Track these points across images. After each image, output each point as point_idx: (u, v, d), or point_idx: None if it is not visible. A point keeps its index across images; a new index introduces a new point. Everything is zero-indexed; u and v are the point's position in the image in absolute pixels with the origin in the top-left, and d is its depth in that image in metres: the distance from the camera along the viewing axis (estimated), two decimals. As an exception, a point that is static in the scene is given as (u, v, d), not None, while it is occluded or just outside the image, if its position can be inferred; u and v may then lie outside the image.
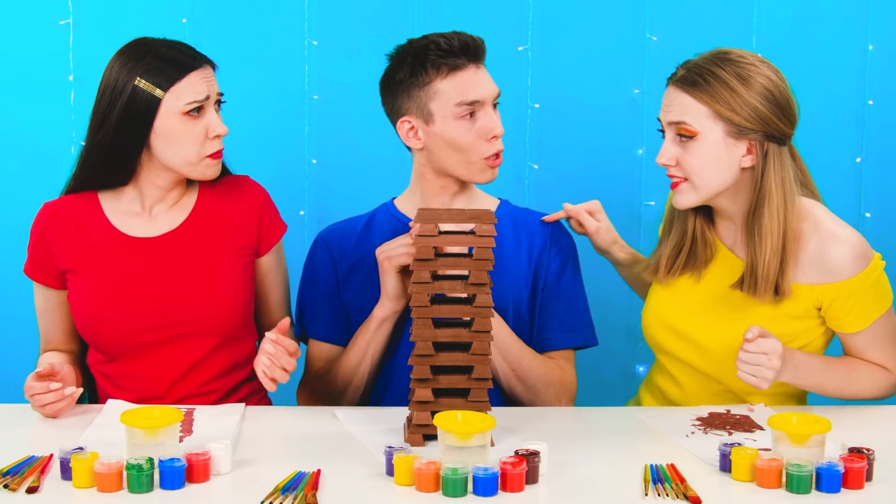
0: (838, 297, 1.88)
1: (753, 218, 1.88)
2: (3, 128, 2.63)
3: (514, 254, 2.04)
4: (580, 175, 2.68)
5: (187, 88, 1.89)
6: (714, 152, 1.87)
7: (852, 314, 1.89)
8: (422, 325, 1.65)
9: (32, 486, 1.46)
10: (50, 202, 2.03)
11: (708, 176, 1.88)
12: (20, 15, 2.61)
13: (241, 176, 2.09)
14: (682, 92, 1.88)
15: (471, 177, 1.99)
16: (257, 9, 2.64)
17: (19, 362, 2.65)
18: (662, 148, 1.91)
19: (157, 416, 1.52)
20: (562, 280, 2.05)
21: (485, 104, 1.95)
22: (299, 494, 1.44)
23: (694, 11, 2.64)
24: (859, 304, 1.88)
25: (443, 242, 1.66)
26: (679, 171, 1.90)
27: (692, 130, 1.87)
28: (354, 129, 2.66)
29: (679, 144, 1.89)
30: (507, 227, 2.05)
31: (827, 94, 2.63)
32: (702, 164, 1.87)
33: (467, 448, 1.47)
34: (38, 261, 2.01)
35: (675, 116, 1.88)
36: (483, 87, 1.95)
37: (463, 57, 1.94)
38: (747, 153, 1.87)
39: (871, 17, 2.64)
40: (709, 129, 1.86)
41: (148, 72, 1.88)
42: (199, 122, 1.91)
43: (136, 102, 1.89)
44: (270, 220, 2.07)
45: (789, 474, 1.48)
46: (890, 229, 2.68)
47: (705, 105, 1.86)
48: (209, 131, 1.92)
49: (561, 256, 2.06)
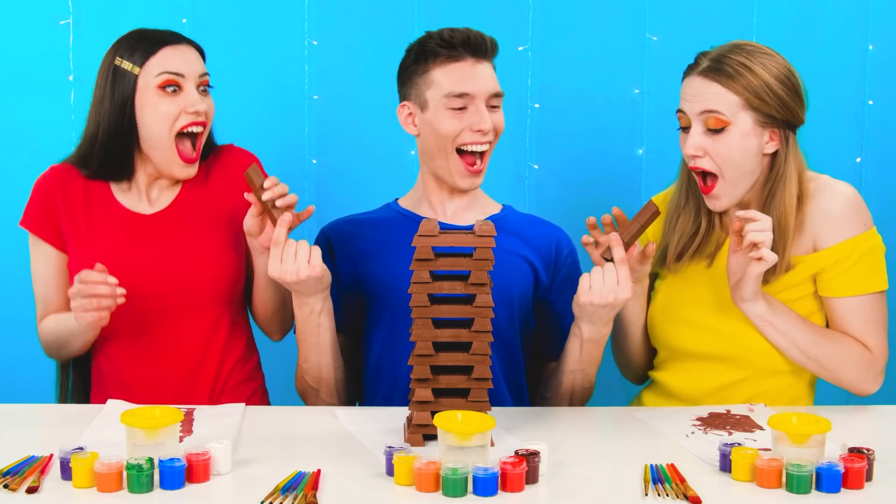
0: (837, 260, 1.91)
1: (772, 202, 1.92)
2: (3, 128, 2.63)
3: (516, 261, 2.04)
4: (580, 175, 2.68)
5: (159, 62, 1.93)
6: (744, 142, 1.89)
7: (843, 278, 1.92)
8: (422, 325, 1.65)
9: (32, 486, 1.46)
10: (57, 165, 2.06)
11: (737, 166, 1.90)
12: (20, 15, 2.61)
13: (226, 145, 2.11)
14: (711, 81, 1.89)
15: (452, 181, 1.99)
16: (257, 9, 2.64)
17: (19, 362, 2.66)
18: (690, 139, 1.91)
19: (157, 416, 1.52)
20: (564, 291, 2.06)
21: (475, 98, 1.95)
22: (299, 494, 1.44)
23: (694, 11, 2.64)
24: (851, 270, 1.91)
25: (443, 242, 1.66)
26: (708, 162, 1.91)
27: (725, 121, 1.88)
28: (354, 129, 2.66)
29: (708, 135, 1.90)
30: (510, 233, 2.05)
31: (827, 94, 2.62)
32: (731, 155, 1.89)
33: (467, 448, 1.47)
34: (42, 216, 2.03)
35: (708, 105, 1.89)
36: (475, 82, 1.95)
37: (461, 49, 1.95)
38: (770, 140, 1.91)
39: (871, 17, 2.64)
40: (740, 120, 1.89)
41: (126, 50, 1.95)
42: (176, 100, 1.93)
43: (117, 81, 1.94)
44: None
45: (789, 474, 1.48)
46: (890, 229, 2.67)
47: (737, 94, 1.88)
48: (186, 107, 1.93)
49: (565, 267, 2.08)
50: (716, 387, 1.99)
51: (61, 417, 1.90)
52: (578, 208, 2.62)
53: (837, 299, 1.94)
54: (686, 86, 1.94)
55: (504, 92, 2.00)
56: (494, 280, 1.95)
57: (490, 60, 1.99)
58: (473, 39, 1.95)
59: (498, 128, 1.99)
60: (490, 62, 1.99)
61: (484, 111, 1.96)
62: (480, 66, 1.96)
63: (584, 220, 1.87)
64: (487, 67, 1.98)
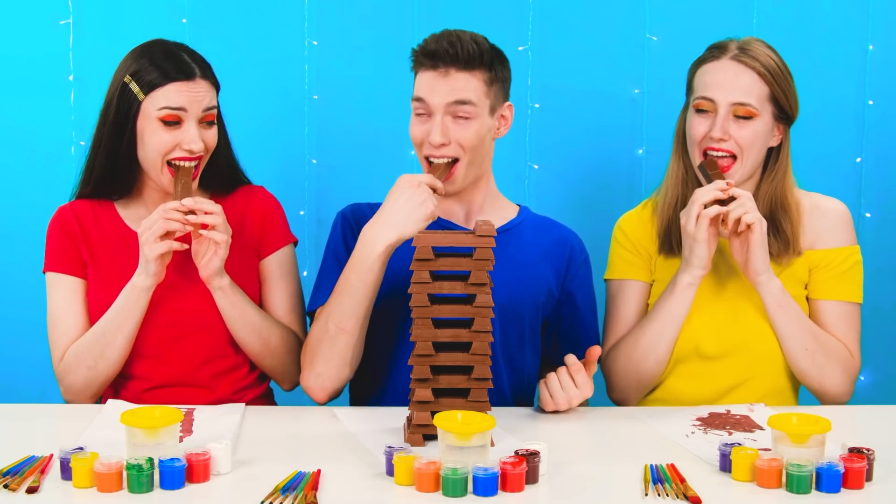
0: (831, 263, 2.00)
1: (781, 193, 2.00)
2: (3, 128, 2.63)
3: (533, 262, 2.03)
4: (580, 175, 2.68)
5: (164, 96, 1.93)
6: (764, 132, 1.97)
7: (835, 282, 2.00)
8: (422, 325, 1.65)
9: (32, 486, 1.46)
10: (64, 205, 2.07)
11: (754, 153, 1.97)
12: (20, 15, 2.61)
13: (257, 186, 2.13)
14: (745, 68, 1.95)
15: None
16: (257, 9, 2.63)
17: (19, 362, 2.66)
18: (719, 124, 1.95)
19: (157, 416, 1.52)
20: (581, 295, 2.07)
21: (430, 105, 1.92)
22: (299, 494, 1.44)
23: (694, 11, 2.64)
24: (842, 276, 2.01)
25: (443, 242, 1.66)
26: (730, 145, 1.95)
27: (755, 112, 1.95)
28: (354, 129, 2.66)
29: (733, 121, 1.95)
30: (525, 241, 2.04)
31: (827, 94, 2.63)
32: (752, 142, 1.96)
33: (467, 448, 1.47)
34: (62, 253, 2.02)
35: (739, 98, 1.94)
36: (429, 90, 1.91)
37: (428, 60, 1.92)
38: (776, 134, 2.00)
39: (871, 17, 2.63)
40: (765, 111, 1.96)
41: (137, 73, 1.94)
42: (174, 133, 1.93)
43: (123, 99, 1.94)
44: (275, 227, 2.09)
45: (789, 474, 1.48)
46: (890, 229, 2.68)
47: (768, 86, 1.95)
48: (182, 143, 1.93)
49: (581, 271, 2.08)
50: (715, 391, 2.00)
51: (61, 417, 1.90)
52: (578, 208, 2.63)
53: (827, 302, 2.00)
54: (713, 71, 1.97)
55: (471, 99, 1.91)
56: (508, 296, 1.95)
57: (466, 69, 1.91)
58: (438, 51, 1.90)
59: (462, 141, 1.92)
60: (467, 70, 1.91)
61: (440, 121, 1.91)
62: (442, 76, 1.90)
63: (584, 219, 1.87)
64: (452, 75, 1.90)
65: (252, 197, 2.11)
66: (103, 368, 1.96)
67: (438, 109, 1.92)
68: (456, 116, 1.92)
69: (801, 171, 2.10)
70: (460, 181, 1.96)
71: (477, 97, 1.92)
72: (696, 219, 1.88)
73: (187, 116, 1.93)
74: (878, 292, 2.53)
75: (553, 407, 1.85)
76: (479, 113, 1.93)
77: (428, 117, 1.93)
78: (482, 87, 1.93)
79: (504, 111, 2.00)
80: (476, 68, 1.92)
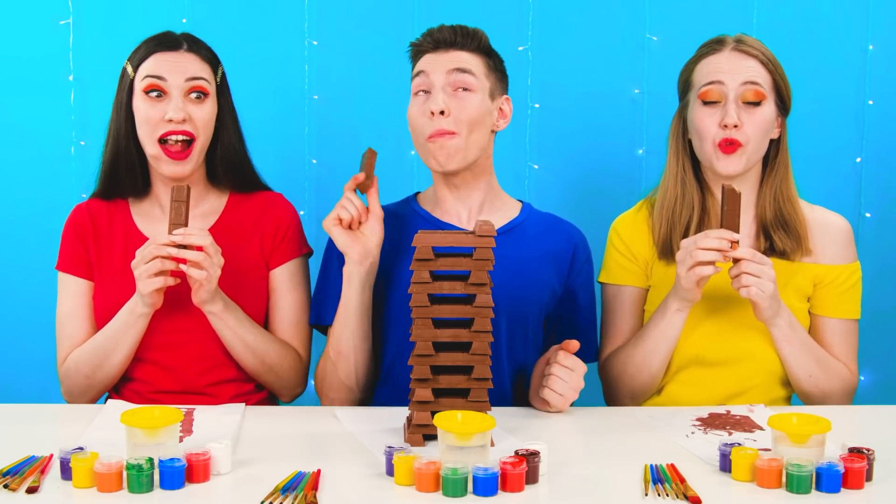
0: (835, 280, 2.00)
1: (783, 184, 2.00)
2: (3, 128, 2.63)
3: (536, 261, 2.03)
4: (580, 175, 2.68)
5: (147, 66, 1.93)
6: (770, 120, 1.97)
7: (838, 300, 2.01)
8: (422, 325, 1.65)
9: (32, 486, 1.46)
10: (81, 203, 2.07)
11: (760, 142, 1.97)
12: (20, 15, 2.61)
13: (276, 193, 2.12)
14: (748, 56, 1.95)
15: (426, 162, 1.98)
16: (257, 9, 2.64)
17: (20, 362, 2.66)
18: (730, 111, 1.92)
19: (157, 416, 1.52)
20: (582, 294, 2.07)
21: (431, 76, 1.94)
22: (299, 494, 1.44)
23: (694, 11, 2.64)
24: (845, 294, 2.01)
25: (443, 242, 1.66)
26: (740, 134, 1.94)
27: (763, 93, 1.94)
28: (354, 129, 2.66)
29: (742, 108, 1.94)
30: (529, 239, 2.04)
31: (827, 94, 2.63)
32: (758, 131, 1.95)
33: (467, 448, 1.47)
34: (72, 254, 2.03)
35: (750, 76, 1.93)
36: (430, 62, 1.95)
37: (429, 43, 1.97)
38: (777, 126, 2.00)
39: (871, 17, 2.64)
40: (769, 99, 1.96)
41: (132, 55, 1.96)
42: (159, 107, 1.92)
43: (122, 85, 1.96)
44: (288, 237, 2.08)
45: (789, 474, 1.48)
46: (890, 229, 2.68)
47: (770, 74, 1.95)
48: (166, 113, 1.91)
49: (585, 268, 2.08)
50: (715, 399, 2.00)
51: (61, 417, 1.90)
52: (578, 208, 2.63)
53: (829, 319, 2.01)
54: (716, 61, 1.96)
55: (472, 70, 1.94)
56: (513, 299, 1.95)
57: (466, 49, 1.95)
58: (437, 37, 1.96)
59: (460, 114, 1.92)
60: (467, 51, 1.95)
61: (442, 94, 1.93)
62: (443, 53, 1.95)
63: (584, 220, 1.86)
64: (453, 54, 1.95)
65: (270, 204, 2.09)
66: (101, 378, 1.97)
67: (439, 78, 1.94)
68: (456, 89, 1.94)
69: (801, 170, 2.11)
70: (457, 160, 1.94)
71: (477, 70, 1.96)
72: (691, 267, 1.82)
73: (170, 87, 1.92)
74: (878, 293, 2.54)
75: (564, 403, 1.84)
76: (479, 87, 1.95)
77: (427, 96, 1.95)
78: (482, 67, 1.97)
79: (503, 104, 2.02)
80: (476, 51, 1.97)
